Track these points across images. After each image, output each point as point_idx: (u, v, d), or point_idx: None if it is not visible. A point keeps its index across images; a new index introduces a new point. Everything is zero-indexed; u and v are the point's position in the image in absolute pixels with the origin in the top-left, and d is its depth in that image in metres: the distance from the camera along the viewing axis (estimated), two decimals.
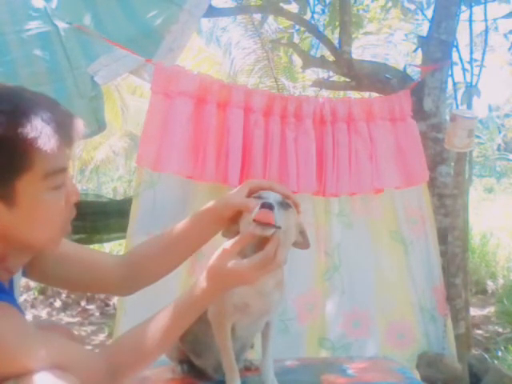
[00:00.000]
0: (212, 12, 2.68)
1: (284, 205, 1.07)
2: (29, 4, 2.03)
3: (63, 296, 5.19)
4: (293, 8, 3.56)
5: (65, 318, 4.87)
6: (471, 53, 2.73)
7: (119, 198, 8.85)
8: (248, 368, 1.36)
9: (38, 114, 0.82)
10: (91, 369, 0.93)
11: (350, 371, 1.41)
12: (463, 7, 2.71)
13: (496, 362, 3.06)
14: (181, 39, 2.15)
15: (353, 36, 3.33)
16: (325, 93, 5.85)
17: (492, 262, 5.73)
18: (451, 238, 2.44)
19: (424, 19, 3.71)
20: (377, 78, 2.62)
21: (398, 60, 8.06)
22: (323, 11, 3.70)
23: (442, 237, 2.39)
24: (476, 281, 5.32)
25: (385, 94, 2.46)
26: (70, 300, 5.17)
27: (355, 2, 3.84)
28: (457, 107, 2.63)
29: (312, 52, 5.22)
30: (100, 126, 2.03)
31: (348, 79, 2.74)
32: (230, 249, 0.99)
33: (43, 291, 5.20)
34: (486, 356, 3.14)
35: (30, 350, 0.84)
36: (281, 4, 3.08)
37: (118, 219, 2.85)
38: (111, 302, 5.09)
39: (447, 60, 2.45)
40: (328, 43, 2.88)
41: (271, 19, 5.94)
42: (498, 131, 20.08)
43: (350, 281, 2.20)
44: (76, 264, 1.10)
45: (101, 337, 4.37)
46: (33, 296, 5.18)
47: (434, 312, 2.25)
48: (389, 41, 7.76)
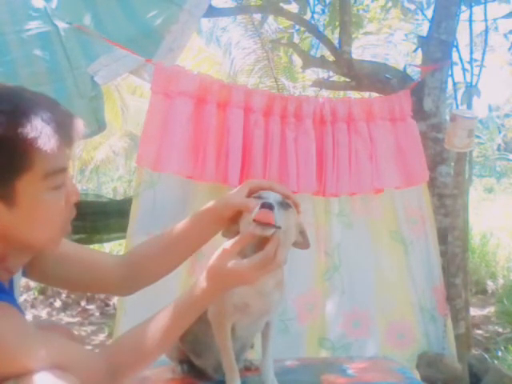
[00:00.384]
0: (212, 12, 2.68)
1: (284, 205, 1.07)
2: (29, 4, 2.03)
3: (63, 296, 5.19)
4: (293, 8, 3.56)
5: (65, 318, 4.87)
6: (471, 53, 2.73)
7: (119, 198, 8.85)
8: (248, 368, 1.36)
9: (38, 114, 0.82)
10: (91, 369, 0.93)
11: (350, 371, 1.41)
12: (463, 7, 2.71)
13: (496, 362, 3.06)
14: (181, 39, 2.15)
15: (353, 36, 3.33)
16: (325, 93, 5.85)
17: (492, 262, 5.73)
18: (451, 238, 2.44)
19: (424, 19, 3.71)
20: (377, 78, 2.62)
21: (398, 60, 8.06)
22: (323, 11, 3.70)
23: (442, 237, 2.39)
24: (476, 281, 5.32)
25: (385, 94, 2.46)
26: (70, 300, 5.17)
27: (355, 2, 3.84)
28: (457, 107, 2.63)
29: (312, 52, 5.22)
30: (100, 126, 2.03)
31: (348, 79, 2.74)
32: (230, 249, 0.99)
33: (43, 291, 5.19)
34: (486, 356, 3.14)
35: (30, 350, 0.84)
36: (281, 4, 3.08)
37: (118, 219, 2.85)
38: (111, 302, 5.09)
39: (447, 60, 2.45)
40: (328, 43, 2.88)
41: (271, 19, 5.94)
42: (498, 131, 20.08)
43: (350, 281, 2.20)
44: (76, 264, 1.10)
45: (101, 337, 4.37)
46: (33, 296, 5.17)
47: (434, 312, 2.25)
48: (389, 41, 7.76)
